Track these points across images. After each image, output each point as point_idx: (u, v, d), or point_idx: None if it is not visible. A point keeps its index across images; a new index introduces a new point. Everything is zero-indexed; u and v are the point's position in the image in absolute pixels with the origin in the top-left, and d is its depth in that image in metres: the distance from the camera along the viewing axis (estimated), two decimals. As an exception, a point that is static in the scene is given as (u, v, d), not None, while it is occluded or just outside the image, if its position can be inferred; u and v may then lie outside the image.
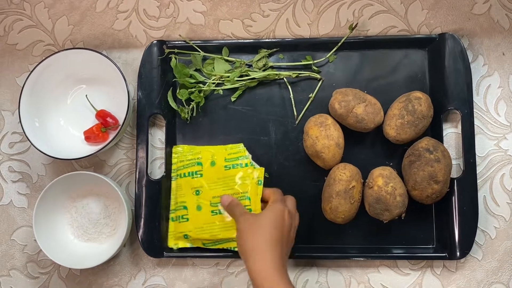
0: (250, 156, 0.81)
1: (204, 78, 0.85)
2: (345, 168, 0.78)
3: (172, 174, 0.84)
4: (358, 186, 0.78)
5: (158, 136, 0.86)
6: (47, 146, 0.82)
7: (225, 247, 0.81)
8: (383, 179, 0.77)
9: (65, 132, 0.86)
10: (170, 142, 0.85)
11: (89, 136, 0.84)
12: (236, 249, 0.79)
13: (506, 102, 0.83)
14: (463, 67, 0.81)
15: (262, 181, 0.79)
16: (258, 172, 0.79)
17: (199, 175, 0.81)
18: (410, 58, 0.84)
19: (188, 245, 0.82)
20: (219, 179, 0.81)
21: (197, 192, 0.81)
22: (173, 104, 0.84)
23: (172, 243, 0.82)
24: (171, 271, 0.84)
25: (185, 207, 0.81)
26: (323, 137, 0.78)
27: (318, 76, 0.83)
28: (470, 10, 0.85)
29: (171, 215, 0.83)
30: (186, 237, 0.81)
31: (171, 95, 0.84)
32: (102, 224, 0.84)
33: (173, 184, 0.83)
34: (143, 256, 0.84)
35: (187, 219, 0.81)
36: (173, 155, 0.84)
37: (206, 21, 0.88)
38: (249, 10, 0.87)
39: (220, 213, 0.80)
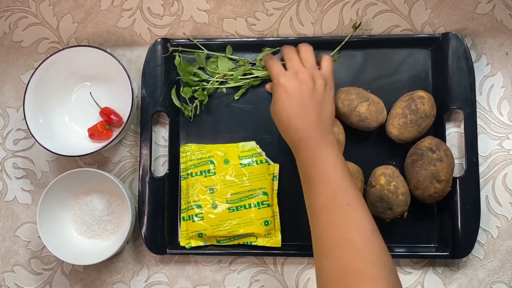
0: (263, 153, 0.82)
1: (207, 76, 0.84)
2: (347, 166, 0.78)
3: (182, 174, 0.83)
4: (358, 184, 0.77)
5: (161, 134, 0.86)
6: (51, 143, 0.81)
7: (241, 243, 0.81)
8: (386, 178, 0.77)
9: (69, 129, 0.86)
10: (174, 139, 0.85)
11: (93, 133, 0.84)
12: (254, 244, 0.81)
13: (509, 102, 0.83)
14: (466, 66, 0.80)
15: (277, 177, 0.81)
16: (273, 168, 0.81)
17: (212, 174, 0.82)
18: (413, 57, 0.83)
19: (201, 243, 0.82)
20: (234, 176, 0.81)
21: (211, 190, 0.81)
22: (176, 102, 0.83)
23: (184, 242, 0.82)
24: (174, 268, 0.84)
25: (199, 206, 0.81)
26: (324, 134, 0.77)
27: None
28: (473, 9, 0.85)
29: (182, 215, 0.82)
30: (200, 235, 0.81)
31: (174, 93, 0.83)
32: (105, 221, 0.84)
33: (183, 183, 0.83)
34: (146, 253, 0.84)
35: (202, 218, 0.80)
36: (181, 154, 0.84)
37: (210, 20, 0.87)
38: (253, 9, 0.87)
39: (237, 209, 0.80)
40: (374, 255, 0.60)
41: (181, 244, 0.82)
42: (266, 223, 0.80)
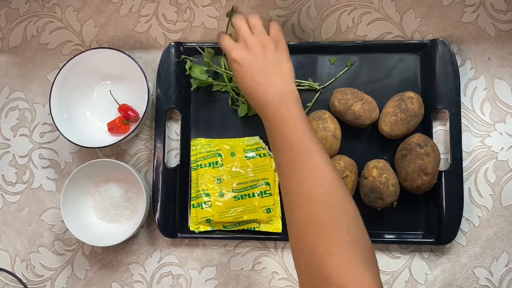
0: (266, 147, 0.84)
1: (216, 66, 0.84)
2: (340, 159, 0.79)
3: (192, 165, 0.85)
4: (351, 176, 0.78)
5: (174, 129, 0.88)
6: (74, 136, 0.83)
7: (245, 228, 0.83)
8: (378, 170, 0.78)
9: (90, 124, 0.87)
10: (185, 134, 0.86)
11: (112, 127, 0.85)
12: (257, 229, 0.82)
13: (491, 103, 0.84)
14: (452, 70, 0.81)
15: None
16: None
17: (219, 165, 0.83)
18: (404, 61, 0.85)
19: (209, 228, 0.83)
20: (240, 168, 0.83)
21: (219, 180, 0.83)
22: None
23: (194, 227, 0.83)
24: (184, 251, 0.86)
25: (207, 195, 0.82)
26: (320, 129, 0.79)
27: (316, 86, 0.84)
28: (459, 18, 0.86)
29: (193, 202, 0.83)
30: (208, 221, 0.82)
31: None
32: (122, 207, 0.85)
33: (194, 174, 0.84)
34: (158, 236, 0.86)
35: (210, 205, 0.82)
36: (191, 147, 0.85)
37: (219, 25, 0.89)
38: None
39: (242, 198, 0.82)
40: (333, 204, 0.58)
41: (191, 228, 0.83)
42: (268, 210, 0.82)
